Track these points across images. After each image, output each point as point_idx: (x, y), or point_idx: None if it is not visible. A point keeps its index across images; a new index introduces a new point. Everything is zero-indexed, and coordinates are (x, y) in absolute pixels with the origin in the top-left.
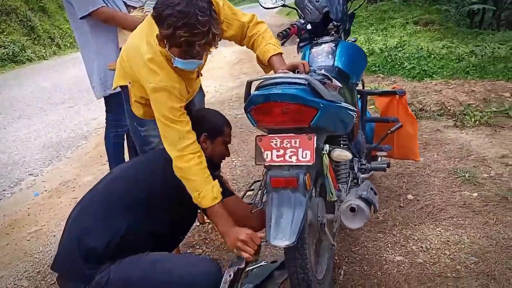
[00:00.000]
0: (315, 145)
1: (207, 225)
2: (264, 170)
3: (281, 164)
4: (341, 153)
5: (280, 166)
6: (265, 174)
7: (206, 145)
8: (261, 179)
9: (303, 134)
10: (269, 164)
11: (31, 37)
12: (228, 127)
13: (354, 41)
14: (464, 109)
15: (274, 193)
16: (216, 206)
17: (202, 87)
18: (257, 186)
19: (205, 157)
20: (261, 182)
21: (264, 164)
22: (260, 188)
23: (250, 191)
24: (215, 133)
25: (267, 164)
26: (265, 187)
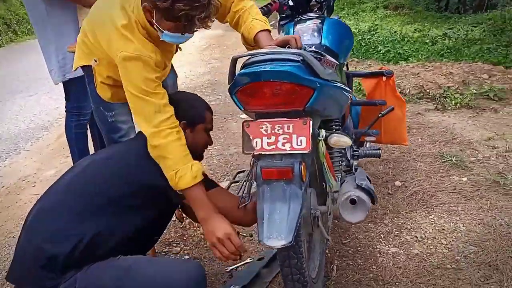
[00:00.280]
0: (311, 131)
1: (185, 220)
2: (253, 160)
3: (273, 152)
4: (340, 139)
5: (272, 155)
6: (253, 164)
7: (186, 134)
8: (245, 169)
9: (297, 119)
10: (259, 153)
11: None
12: (210, 111)
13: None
14: (443, 91)
15: (265, 186)
16: (196, 188)
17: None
18: (241, 177)
19: None
20: (247, 173)
21: (253, 154)
22: (246, 179)
23: (235, 182)
24: (196, 119)
25: (256, 153)
26: (255, 179)
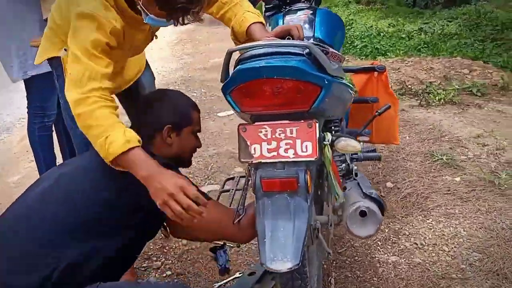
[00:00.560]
0: (317, 135)
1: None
2: (249, 168)
3: (274, 160)
4: (349, 143)
5: (273, 164)
6: (250, 173)
7: (171, 139)
8: (235, 176)
9: (301, 121)
10: (258, 161)
11: None
12: (197, 110)
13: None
14: (426, 87)
15: (266, 199)
16: (132, 151)
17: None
18: (232, 185)
19: (171, 155)
20: (237, 181)
21: (251, 162)
22: (236, 188)
23: (225, 192)
24: (182, 122)
25: (255, 161)
26: (254, 190)
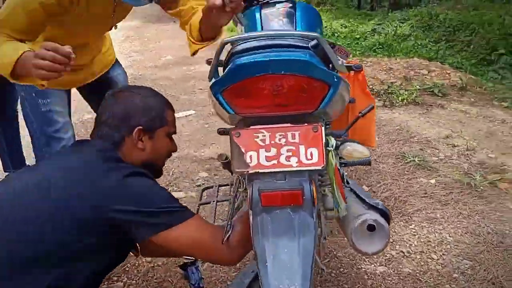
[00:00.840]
0: (324, 139)
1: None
2: (240, 178)
3: (274, 170)
4: (355, 149)
5: (272, 174)
6: (242, 184)
7: (143, 143)
8: (213, 185)
9: (305, 124)
10: (255, 171)
11: None
12: (171, 109)
13: None
14: (388, 87)
15: (265, 215)
16: (22, 57)
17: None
18: (211, 195)
19: (143, 161)
20: (218, 190)
21: (246, 172)
22: (216, 200)
23: (204, 204)
24: (155, 123)
25: (251, 171)
26: (250, 206)
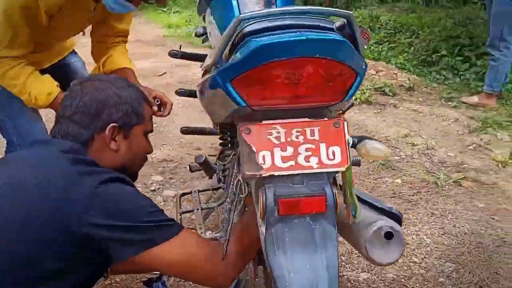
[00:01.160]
0: (347, 136)
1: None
2: (241, 181)
3: (292, 172)
4: (376, 147)
5: (288, 177)
6: (245, 189)
7: (116, 143)
8: (192, 190)
9: (325, 119)
10: (270, 173)
11: None
12: (149, 104)
13: None
14: None
15: (281, 226)
16: (55, 101)
17: None
18: (192, 202)
19: (116, 165)
20: (199, 197)
21: (259, 176)
22: (201, 207)
23: (187, 213)
24: (131, 119)
25: (265, 174)
26: (263, 215)
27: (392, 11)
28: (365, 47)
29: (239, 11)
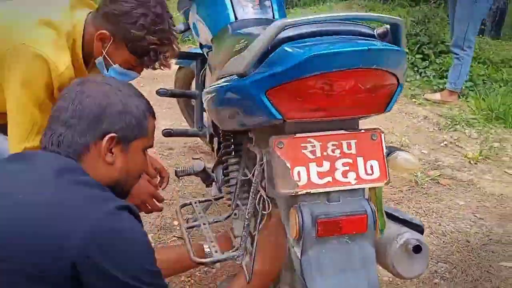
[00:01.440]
0: (385, 150)
1: None
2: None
3: (329, 189)
4: (408, 159)
5: (324, 194)
6: (268, 205)
7: (112, 155)
8: (190, 201)
9: (361, 131)
10: (306, 191)
11: None
12: (154, 117)
13: None
14: None
15: (320, 247)
16: None
17: None
18: (199, 213)
19: (109, 181)
20: (202, 208)
21: (294, 194)
22: (208, 223)
23: (192, 228)
24: (133, 131)
25: (301, 192)
26: (298, 236)
27: (351, 9)
28: None
29: (232, 8)
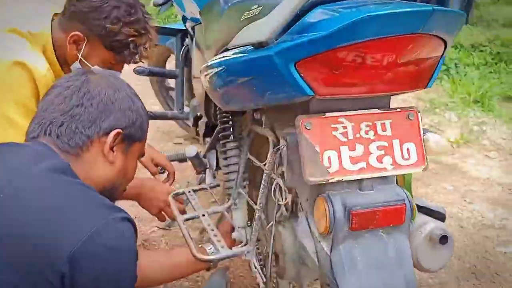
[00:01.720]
0: (422, 131)
1: None
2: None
3: (364, 176)
4: (439, 142)
5: (356, 182)
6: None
7: (113, 154)
8: (182, 190)
9: (397, 110)
10: (339, 179)
11: None
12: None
13: None
14: None
15: (352, 242)
16: None
17: None
18: (195, 203)
19: (105, 183)
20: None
21: (325, 182)
22: (207, 213)
23: (190, 219)
24: (137, 132)
25: (333, 179)
26: (329, 229)
27: None
28: None
29: None
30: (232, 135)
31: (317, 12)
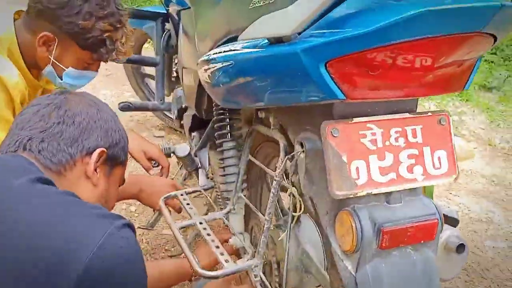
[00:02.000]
0: (453, 137)
1: None
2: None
3: (394, 189)
4: (466, 148)
5: (384, 194)
6: (326, 208)
7: (96, 176)
8: (181, 192)
9: (428, 114)
10: (368, 192)
11: None
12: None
13: None
14: None
15: (380, 261)
16: None
17: None
18: (190, 208)
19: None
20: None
21: (353, 195)
22: (205, 221)
23: (186, 227)
24: (119, 154)
25: (361, 193)
26: (357, 247)
27: None
28: None
29: None
30: (229, 134)
31: (352, 2)
